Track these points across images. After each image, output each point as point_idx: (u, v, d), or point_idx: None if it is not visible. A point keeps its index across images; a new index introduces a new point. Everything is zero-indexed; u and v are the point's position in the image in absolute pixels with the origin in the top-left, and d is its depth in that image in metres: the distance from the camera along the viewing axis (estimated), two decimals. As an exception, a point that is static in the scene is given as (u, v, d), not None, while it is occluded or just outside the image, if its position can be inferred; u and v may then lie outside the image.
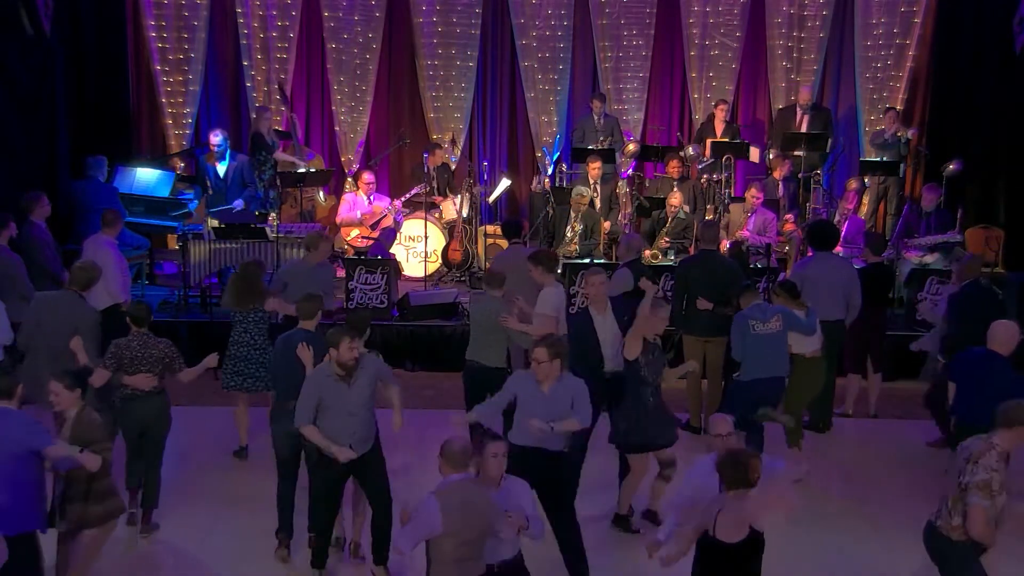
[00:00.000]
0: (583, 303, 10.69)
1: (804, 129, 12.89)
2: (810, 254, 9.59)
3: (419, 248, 12.19)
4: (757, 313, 7.93)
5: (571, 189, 11.85)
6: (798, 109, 13.10)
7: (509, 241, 9.78)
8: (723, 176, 12.52)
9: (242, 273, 8.42)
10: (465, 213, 12.56)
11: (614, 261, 11.11)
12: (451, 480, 5.19)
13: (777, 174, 12.41)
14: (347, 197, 12.46)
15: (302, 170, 12.46)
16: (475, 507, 5.17)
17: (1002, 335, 7.14)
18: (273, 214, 11.77)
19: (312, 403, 6.29)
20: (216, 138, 11.85)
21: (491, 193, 13.10)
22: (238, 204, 11.72)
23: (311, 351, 6.72)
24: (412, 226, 12.28)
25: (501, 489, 5.40)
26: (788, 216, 12.07)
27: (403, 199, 12.44)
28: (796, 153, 12.63)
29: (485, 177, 13.34)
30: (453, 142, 13.55)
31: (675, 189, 12.04)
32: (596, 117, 12.99)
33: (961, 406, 7.20)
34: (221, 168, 11.87)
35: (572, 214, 11.56)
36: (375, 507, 6.56)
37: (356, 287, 10.82)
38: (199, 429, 8.99)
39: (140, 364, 7.07)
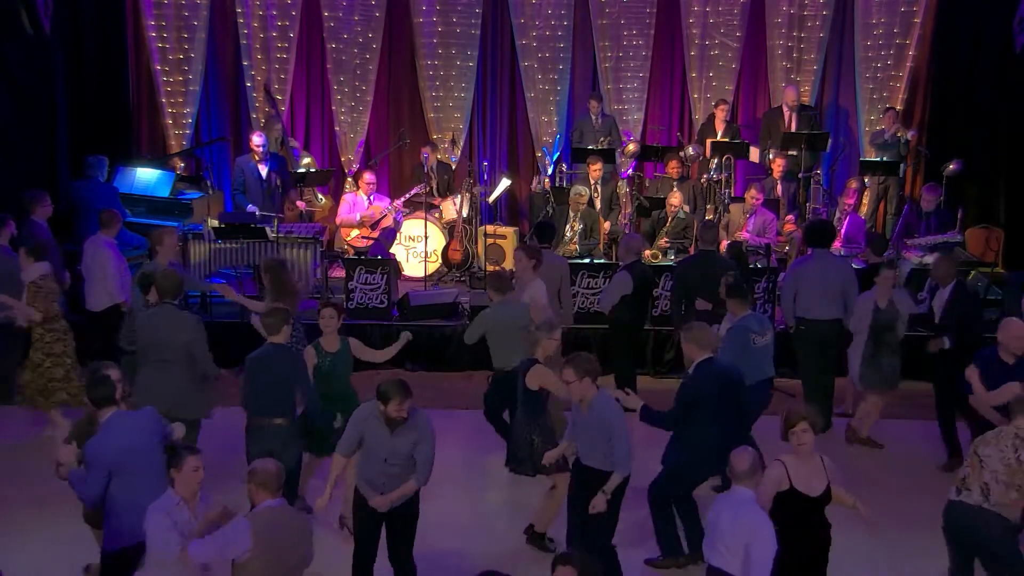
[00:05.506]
0: (584, 305, 10.72)
1: (794, 129, 12.90)
2: (808, 252, 9.59)
3: (419, 248, 12.19)
4: (755, 325, 7.75)
5: (571, 189, 11.86)
6: (785, 109, 13.11)
7: (540, 244, 9.55)
8: (723, 176, 12.53)
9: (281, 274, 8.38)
10: (465, 213, 12.56)
11: (614, 261, 11.13)
12: (266, 505, 5.11)
13: (776, 174, 12.42)
14: (347, 197, 12.45)
15: (302, 170, 12.47)
16: (288, 535, 5.07)
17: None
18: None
19: (354, 437, 6.12)
20: (258, 140, 11.81)
21: (491, 193, 13.10)
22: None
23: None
24: (412, 226, 12.28)
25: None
26: (789, 216, 12.08)
27: (403, 199, 12.45)
28: (791, 153, 12.65)
29: (485, 177, 13.34)
30: (453, 142, 13.56)
31: (675, 189, 12.04)
32: (593, 117, 12.99)
33: None
34: (263, 169, 11.84)
35: (571, 214, 11.56)
36: (394, 566, 6.27)
37: (356, 287, 10.82)
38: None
39: None
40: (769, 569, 5.23)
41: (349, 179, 13.41)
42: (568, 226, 11.52)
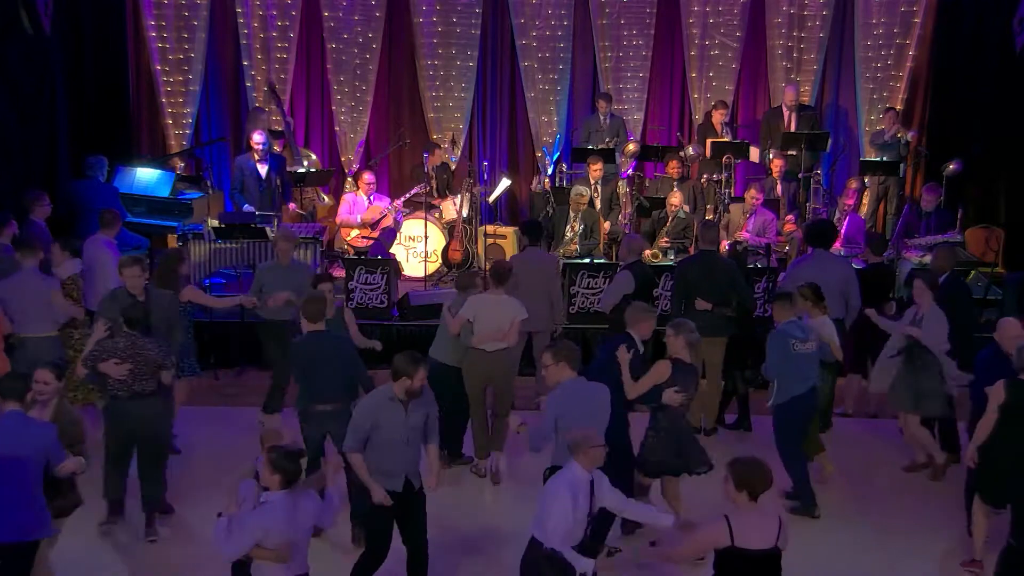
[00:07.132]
0: (584, 304, 10.72)
1: (793, 129, 12.90)
2: (808, 252, 9.58)
3: (419, 248, 12.19)
4: (796, 331, 7.59)
5: (571, 189, 11.86)
6: (785, 109, 13.11)
7: (529, 243, 9.54)
8: (723, 176, 12.53)
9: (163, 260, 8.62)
10: (465, 213, 12.56)
11: (614, 261, 11.12)
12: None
13: (776, 174, 12.42)
14: (347, 197, 12.46)
15: (302, 170, 12.47)
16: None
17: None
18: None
19: (365, 428, 5.96)
20: (259, 138, 11.76)
21: (491, 193, 13.10)
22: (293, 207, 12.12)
23: None
24: (412, 226, 12.28)
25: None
26: (789, 217, 12.08)
27: (403, 199, 12.45)
28: (791, 153, 12.65)
29: (485, 177, 13.34)
30: (453, 142, 13.56)
31: (675, 189, 12.05)
32: (602, 117, 12.99)
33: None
34: (263, 169, 11.78)
35: (572, 214, 11.55)
36: (409, 551, 6.24)
37: (356, 287, 10.82)
38: (196, 428, 8.99)
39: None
40: (558, 540, 5.32)
41: (349, 179, 13.41)
42: (568, 226, 11.51)
